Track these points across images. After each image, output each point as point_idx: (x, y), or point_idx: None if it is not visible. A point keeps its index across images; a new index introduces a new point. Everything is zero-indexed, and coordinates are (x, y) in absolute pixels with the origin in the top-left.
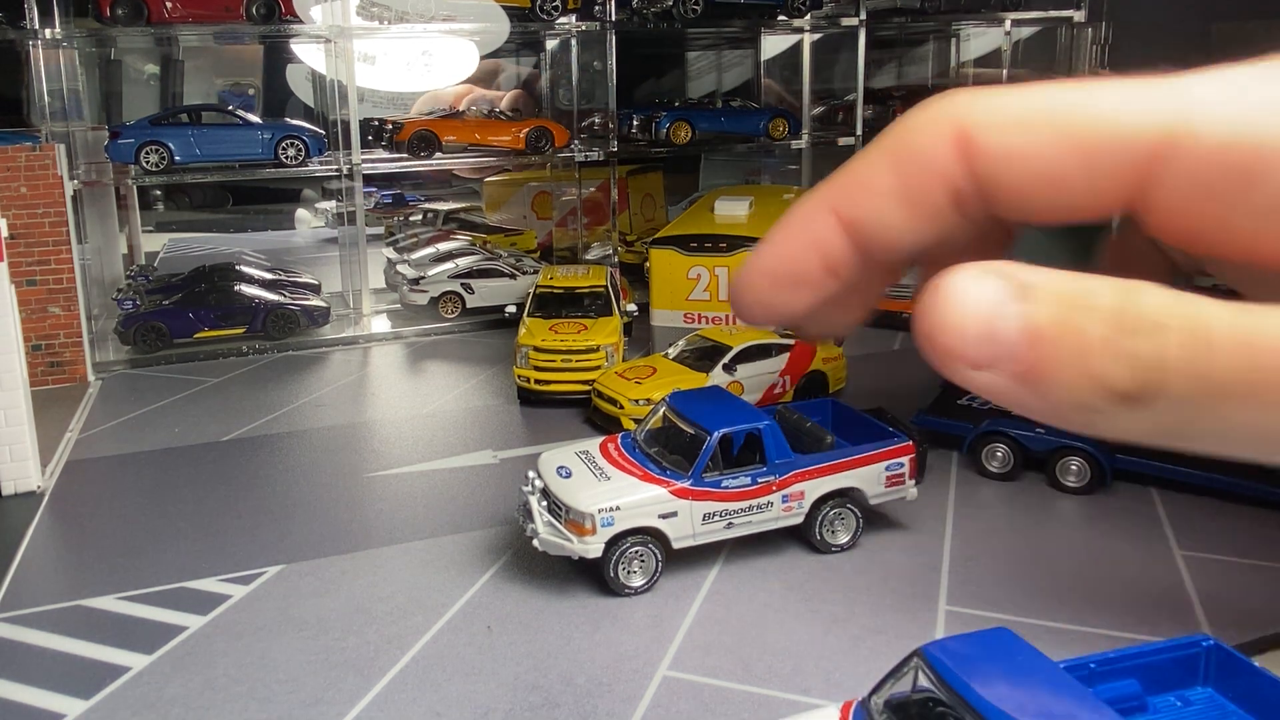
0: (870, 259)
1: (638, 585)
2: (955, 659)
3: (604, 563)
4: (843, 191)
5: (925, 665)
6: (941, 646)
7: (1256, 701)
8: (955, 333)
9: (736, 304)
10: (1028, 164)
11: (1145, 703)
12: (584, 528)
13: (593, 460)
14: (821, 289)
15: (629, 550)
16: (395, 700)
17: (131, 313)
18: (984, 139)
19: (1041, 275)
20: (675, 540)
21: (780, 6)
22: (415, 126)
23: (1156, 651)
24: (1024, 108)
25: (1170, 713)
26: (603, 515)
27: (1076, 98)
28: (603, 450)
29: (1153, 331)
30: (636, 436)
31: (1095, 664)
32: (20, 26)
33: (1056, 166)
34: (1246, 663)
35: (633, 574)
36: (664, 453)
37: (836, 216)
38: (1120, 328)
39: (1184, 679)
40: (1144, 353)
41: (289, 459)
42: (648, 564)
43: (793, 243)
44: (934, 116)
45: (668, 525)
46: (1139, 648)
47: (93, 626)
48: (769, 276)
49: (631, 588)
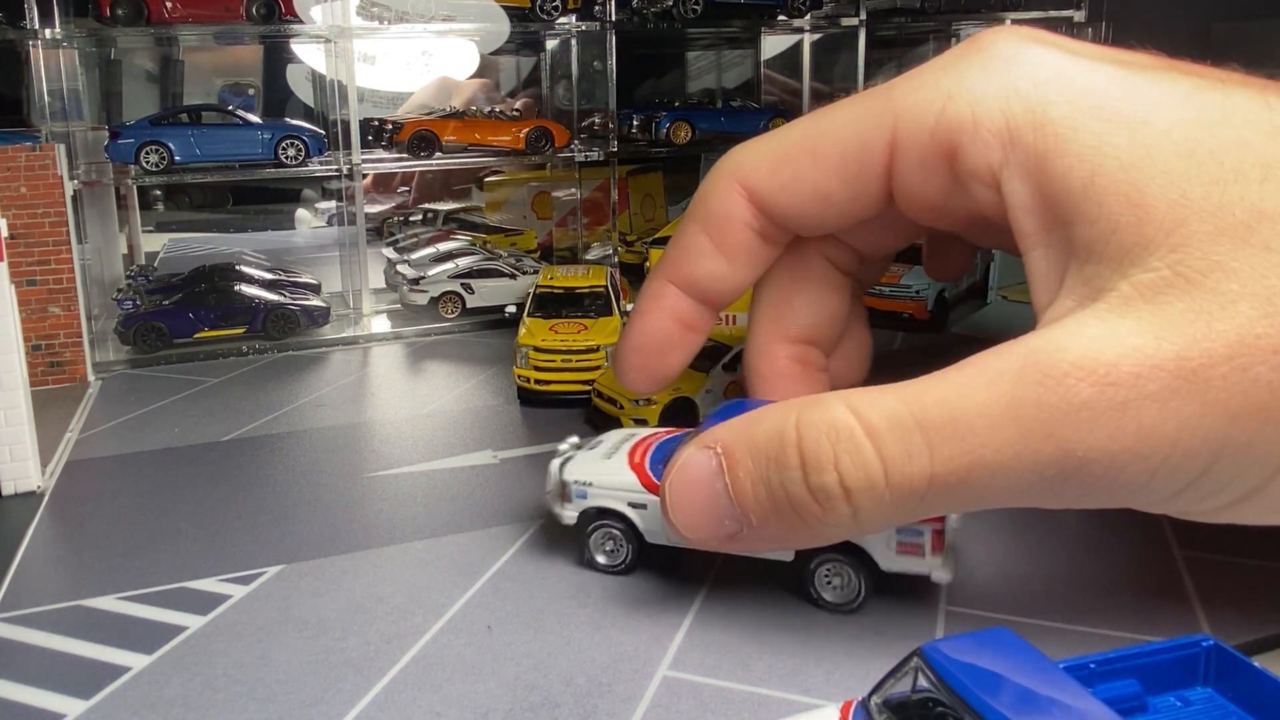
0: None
1: (603, 564)
2: (955, 659)
3: (581, 535)
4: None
5: (925, 665)
6: (941, 646)
7: (1256, 702)
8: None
9: (623, 379)
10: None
11: (1145, 703)
12: (565, 494)
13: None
14: (687, 345)
15: (601, 529)
16: (395, 700)
17: (131, 313)
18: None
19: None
20: (646, 533)
21: (780, 6)
22: (415, 126)
23: (1156, 652)
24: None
25: (1170, 713)
26: (577, 488)
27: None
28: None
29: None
30: None
31: (1095, 664)
32: (20, 26)
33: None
34: (1246, 663)
35: (601, 552)
36: None
37: (674, 284)
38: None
39: (1184, 679)
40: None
41: (289, 459)
42: (620, 550)
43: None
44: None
45: (639, 515)
46: (1139, 648)
47: (93, 626)
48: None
49: (605, 567)
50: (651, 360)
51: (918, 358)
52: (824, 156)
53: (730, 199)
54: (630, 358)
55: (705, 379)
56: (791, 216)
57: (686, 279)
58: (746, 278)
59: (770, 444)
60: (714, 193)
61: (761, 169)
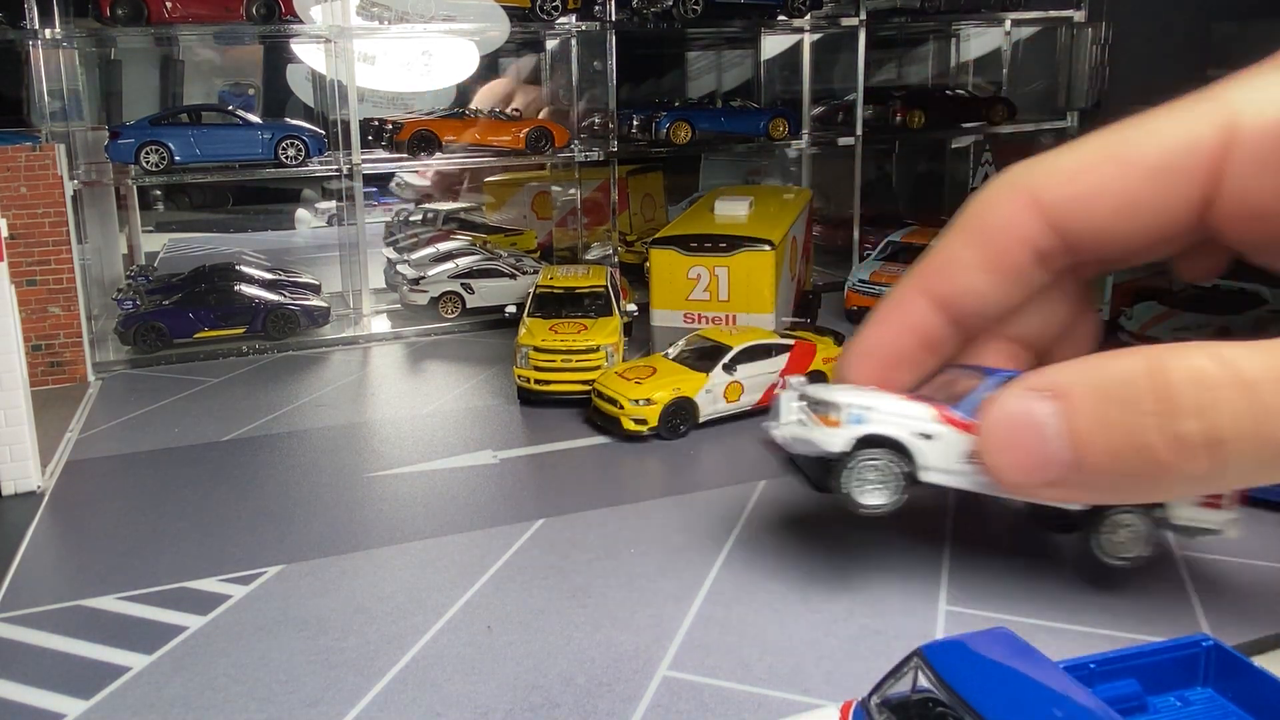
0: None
1: (871, 504)
2: (955, 659)
3: (839, 470)
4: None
5: (925, 665)
6: (941, 646)
7: (1256, 702)
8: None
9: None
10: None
11: (1145, 703)
12: (830, 419)
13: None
14: (921, 366)
15: (867, 461)
16: (395, 700)
17: (131, 313)
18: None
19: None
20: (923, 470)
21: (780, 6)
22: (415, 126)
23: (1156, 652)
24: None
25: (1170, 713)
26: (853, 411)
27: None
28: None
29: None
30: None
31: (1095, 664)
32: (20, 26)
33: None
34: (1246, 663)
35: (868, 488)
36: None
37: (928, 298)
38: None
39: (1184, 679)
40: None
41: (289, 459)
42: (888, 483)
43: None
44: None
45: (923, 447)
46: (1139, 648)
47: (93, 626)
48: (872, 359)
49: (866, 505)
50: (879, 371)
51: None
52: (1135, 162)
53: (1013, 211)
54: (860, 362)
55: (705, 379)
56: (1087, 231)
57: (944, 294)
58: (1010, 301)
59: (1121, 387)
60: (994, 203)
61: (1056, 178)
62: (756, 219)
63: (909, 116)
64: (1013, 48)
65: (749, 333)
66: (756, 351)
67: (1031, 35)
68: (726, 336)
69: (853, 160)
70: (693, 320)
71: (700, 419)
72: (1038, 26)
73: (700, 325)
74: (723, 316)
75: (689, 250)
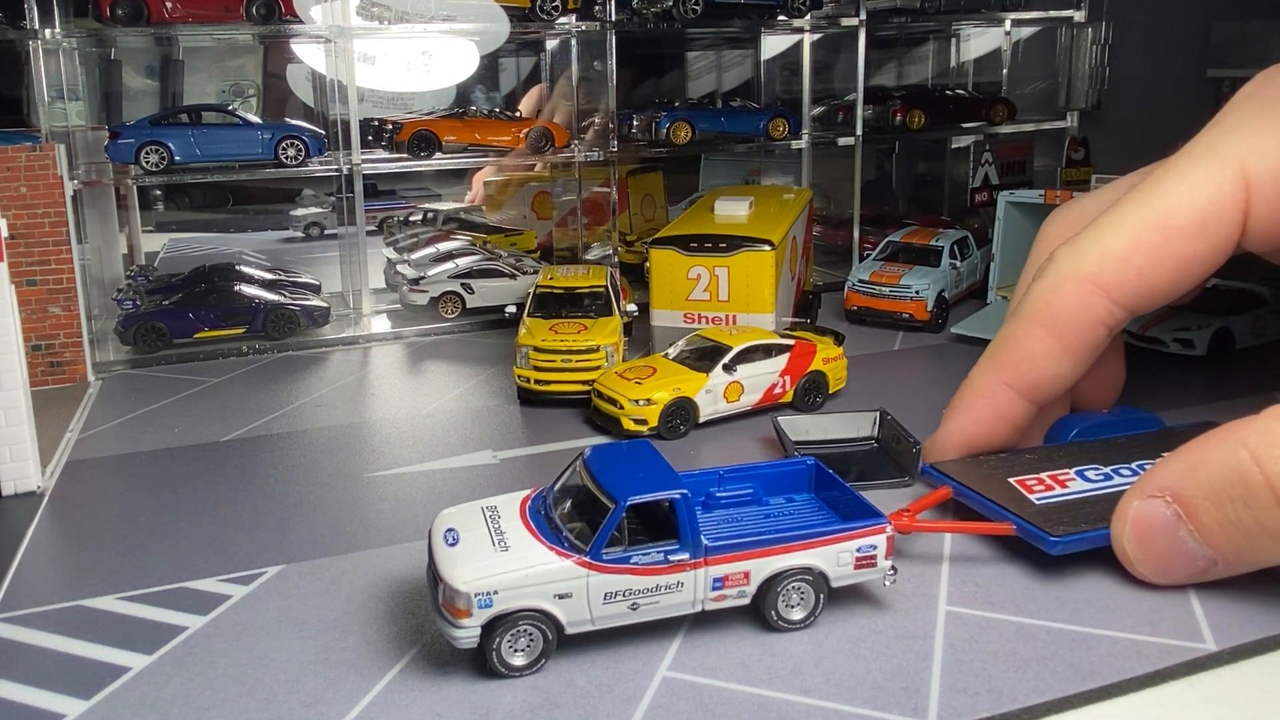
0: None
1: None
2: (599, 457)
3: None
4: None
5: (581, 460)
6: (595, 450)
7: (844, 508)
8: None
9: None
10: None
11: (761, 499)
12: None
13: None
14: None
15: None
16: (395, 700)
17: (131, 313)
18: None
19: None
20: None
21: (780, 6)
22: (415, 126)
23: (772, 466)
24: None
25: (779, 507)
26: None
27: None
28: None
29: None
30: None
31: (724, 472)
32: (20, 26)
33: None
34: (838, 480)
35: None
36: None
37: (1014, 389)
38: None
39: (792, 488)
40: None
41: (289, 459)
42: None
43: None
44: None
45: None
46: (759, 464)
47: (93, 626)
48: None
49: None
50: (971, 447)
51: (918, 358)
52: (1177, 228)
53: (1082, 299)
54: (953, 439)
55: (705, 379)
56: (1152, 297)
57: (1029, 385)
58: (1082, 370)
59: (1230, 486)
60: (1066, 299)
61: (1113, 263)
62: (756, 219)
63: (909, 116)
64: (1013, 48)
65: (749, 333)
66: (756, 351)
67: (1031, 35)
68: (726, 336)
69: (852, 160)
70: (693, 320)
71: (700, 419)
72: (1038, 26)
73: (700, 325)
74: (723, 316)
75: (689, 250)
